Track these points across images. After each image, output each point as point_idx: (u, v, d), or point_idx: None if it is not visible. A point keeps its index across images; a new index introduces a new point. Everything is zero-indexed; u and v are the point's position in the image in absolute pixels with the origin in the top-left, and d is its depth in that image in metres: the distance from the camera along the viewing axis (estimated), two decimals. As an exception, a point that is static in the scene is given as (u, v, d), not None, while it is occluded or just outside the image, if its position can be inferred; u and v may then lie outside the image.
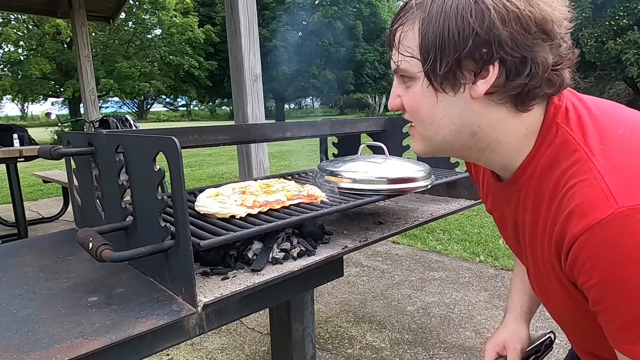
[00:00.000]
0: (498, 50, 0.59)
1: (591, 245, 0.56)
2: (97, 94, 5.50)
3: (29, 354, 0.70)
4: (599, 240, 0.55)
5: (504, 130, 0.66)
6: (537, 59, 0.59)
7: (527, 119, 0.65)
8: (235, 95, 2.67)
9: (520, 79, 0.60)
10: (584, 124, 0.63)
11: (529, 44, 0.59)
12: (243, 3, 2.52)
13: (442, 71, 0.61)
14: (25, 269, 1.06)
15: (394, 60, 0.68)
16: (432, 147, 0.72)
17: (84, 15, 5.13)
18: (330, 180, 1.35)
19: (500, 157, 0.70)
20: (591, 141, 0.61)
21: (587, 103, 0.66)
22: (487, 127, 0.66)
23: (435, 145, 0.71)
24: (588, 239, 0.56)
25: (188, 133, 1.35)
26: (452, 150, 0.72)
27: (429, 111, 0.67)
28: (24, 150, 3.68)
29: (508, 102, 0.63)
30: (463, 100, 0.64)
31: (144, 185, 0.91)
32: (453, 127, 0.67)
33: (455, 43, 0.59)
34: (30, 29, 20.08)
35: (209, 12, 25.33)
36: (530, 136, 0.66)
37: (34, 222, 4.77)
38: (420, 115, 0.69)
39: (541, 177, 0.66)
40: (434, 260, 3.39)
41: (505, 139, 0.67)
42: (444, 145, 0.70)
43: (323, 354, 2.17)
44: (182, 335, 0.88)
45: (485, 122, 0.65)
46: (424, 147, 0.73)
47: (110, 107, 43.66)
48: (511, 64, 0.59)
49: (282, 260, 1.06)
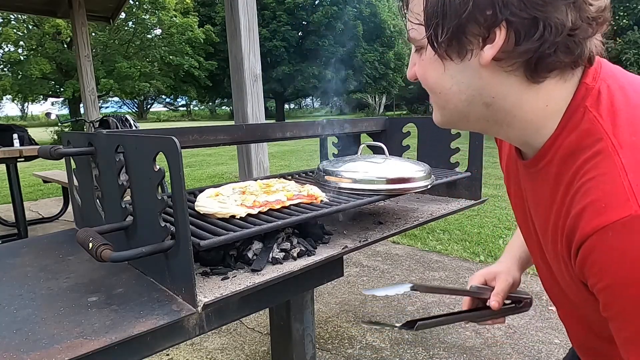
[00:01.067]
0: (503, 12, 0.54)
1: (602, 247, 0.52)
2: (97, 94, 5.50)
3: (29, 354, 0.70)
4: (611, 243, 0.50)
5: (518, 102, 0.61)
6: (550, 20, 0.53)
7: (545, 94, 0.60)
8: (235, 95, 2.67)
9: (530, 42, 0.54)
10: (616, 110, 0.56)
11: (539, 3, 0.53)
12: (243, 3, 2.52)
13: (444, 37, 0.58)
14: (25, 269, 1.06)
15: (407, 28, 0.65)
16: (448, 117, 0.69)
17: (84, 15, 5.14)
18: (330, 180, 1.35)
19: (518, 132, 0.65)
20: (621, 131, 0.54)
21: (626, 87, 0.59)
22: (500, 97, 0.61)
23: (450, 115, 0.68)
24: (599, 240, 0.52)
25: (188, 133, 1.35)
26: (469, 122, 0.68)
27: (437, 80, 0.64)
28: (24, 150, 3.68)
29: (519, 69, 0.58)
30: (471, 68, 0.60)
31: (144, 185, 0.91)
32: (463, 97, 0.63)
33: (456, 7, 0.55)
34: (30, 29, 20.08)
35: (209, 12, 25.33)
36: (552, 117, 0.61)
37: (34, 222, 4.77)
38: (429, 84, 0.66)
39: (561, 164, 0.61)
40: (434, 260, 3.39)
41: (521, 114, 0.62)
42: (459, 116, 0.67)
43: (323, 354, 2.17)
44: (182, 335, 0.88)
45: (498, 91, 0.61)
46: (441, 117, 0.70)
47: (110, 107, 43.71)
48: (519, 26, 0.54)
49: (282, 260, 1.06)
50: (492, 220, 4.38)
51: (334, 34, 25.27)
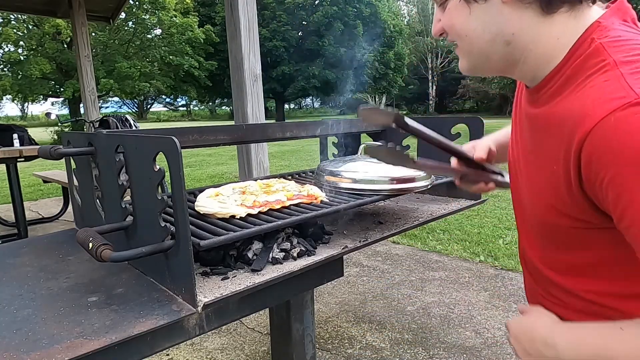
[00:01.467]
0: None
1: (607, 133, 0.55)
2: (97, 94, 5.50)
3: (29, 354, 0.70)
4: (617, 126, 0.54)
5: (535, 36, 0.68)
6: None
7: (557, 26, 0.66)
8: (235, 95, 2.67)
9: None
10: (622, 40, 0.62)
11: None
12: (243, 3, 2.52)
13: None
14: (25, 269, 1.06)
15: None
16: (473, 62, 0.76)
17: (84, 15, 5.14)
18: (330, 180, 1.35)
19: (532, 67, 0.71)
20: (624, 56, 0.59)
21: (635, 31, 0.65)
22: (519, 33, 0.68)
23: (476, 59, 0.75)
24: (604, 128, 0.55)
25: (188, 133, 1.35)
26: (490, 64, 0.75)
27: (464, 24, 0.71)
28: (24, 150, 3.68)
29: (535, 2, 0.65)
30: (494, 7, 0.68)
31: (144, 185, 0.91)
32: (487, 37, 0.70)
33: None
34: (30, 29, 20.08)
35: (209, 12, 25.31)
36: (563, 48, 0.67)
37: (34, 222, 4.77)
38: (456, 29, 0.73)
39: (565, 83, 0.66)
40: (434, 260, 3.39)
41: (537, 47, 0.68)
42: (483, 58, 0.74)
43: (323, 354, 2.17)
44: (182, 335, 0.88)
45: (517, 27, 0.68)
46: (467, 63, 0.77)
47: (110, 107, 43.67)
48: None
49: (282, 260, 1.06)
50: (492, 220, 4.38)
51: (334, 34, 25.26)
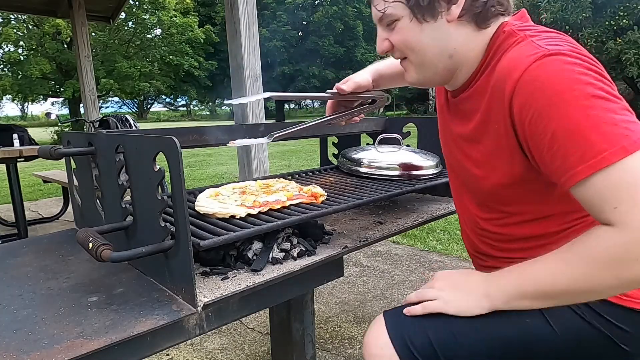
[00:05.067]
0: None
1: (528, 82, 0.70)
2: (97, 94, 5.50)
3: (29, 354, 0.70)
4: (534, 73, 0.70)
5: (471, 46, 0.83)
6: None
7: (486, 36, 0.83)
8: (235, 95, 2.67)
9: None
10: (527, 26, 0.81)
11: None
12: (243, 3, 2.52)
13: (425, 3, 0.79)
14: (25, 269, 1.06)
15: (379, 9, 0.84)
16: (422, 73, 0.88)
17: (84, 15, 5.14)
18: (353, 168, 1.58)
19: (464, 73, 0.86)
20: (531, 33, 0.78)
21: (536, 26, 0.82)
22: (460, 46, 0.83)
23: (425, 70, 0.87)
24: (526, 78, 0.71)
25: (188, 133, 1.35)
26: (436, 75, 0.88)
27: (416, 40, 0.83)
28: (24, 150, 3.67)
29: (472, 20, 0.81)
30: (442, 25, 0.81)
31: (144, 185, 0.91)
32: (436, 51, 0.83)
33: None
34: (30, 29, 20.08)
35: (209, 12, 25.34)
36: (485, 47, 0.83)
37: (34, 222, 4.77)
38: (410, 45, 0.84)
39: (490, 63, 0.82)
40: (434, 260, 3.39)
41: (471, 55, 0.84)
42: (432, 69, 0.86)
43: (323, 354, 2.17)
44: (182, 335, 0.88)
45: (459, 41, 0.82)
46: (417, 74, 0.89)
47: (110, 107, 43.69)
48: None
49: (282, 260, 1.06)
50: (492, 220, 4.38)
51: (334, 34, 25.26)
